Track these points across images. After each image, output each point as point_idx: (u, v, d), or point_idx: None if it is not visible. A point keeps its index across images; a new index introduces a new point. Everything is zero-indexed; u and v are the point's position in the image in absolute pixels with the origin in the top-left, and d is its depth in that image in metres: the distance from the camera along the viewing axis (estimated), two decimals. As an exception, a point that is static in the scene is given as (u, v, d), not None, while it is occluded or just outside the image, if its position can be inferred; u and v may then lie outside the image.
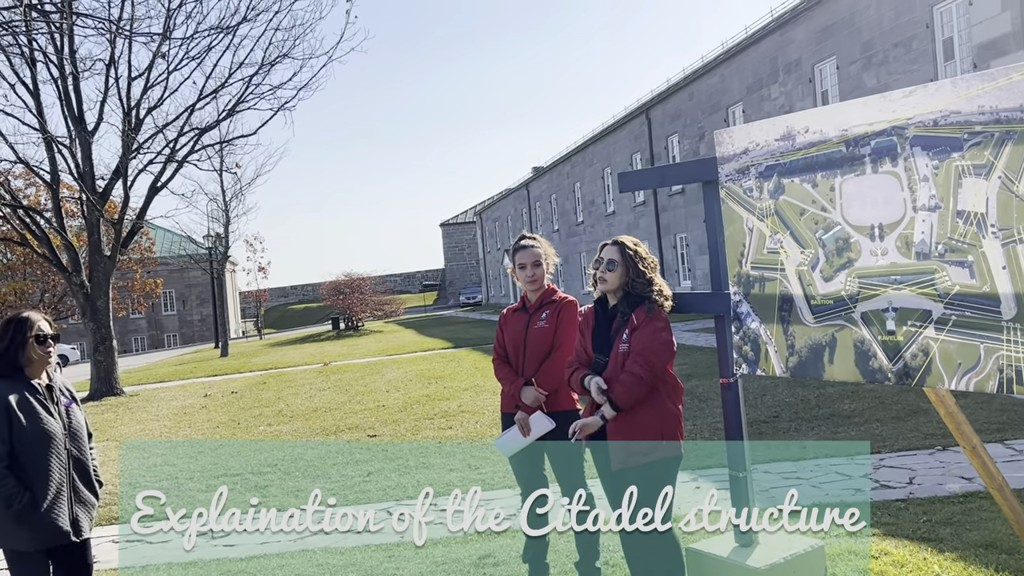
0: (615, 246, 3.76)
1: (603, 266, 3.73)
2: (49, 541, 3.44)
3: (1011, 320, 2.80)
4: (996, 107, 2.78)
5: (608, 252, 3.75)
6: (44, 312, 3.70)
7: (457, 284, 74.62)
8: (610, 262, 3.72)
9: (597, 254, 3.81)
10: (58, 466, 3.43)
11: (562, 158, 42.68)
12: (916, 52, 16.75)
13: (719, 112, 25.55)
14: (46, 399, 3.49)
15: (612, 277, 3.70)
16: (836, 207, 3.28)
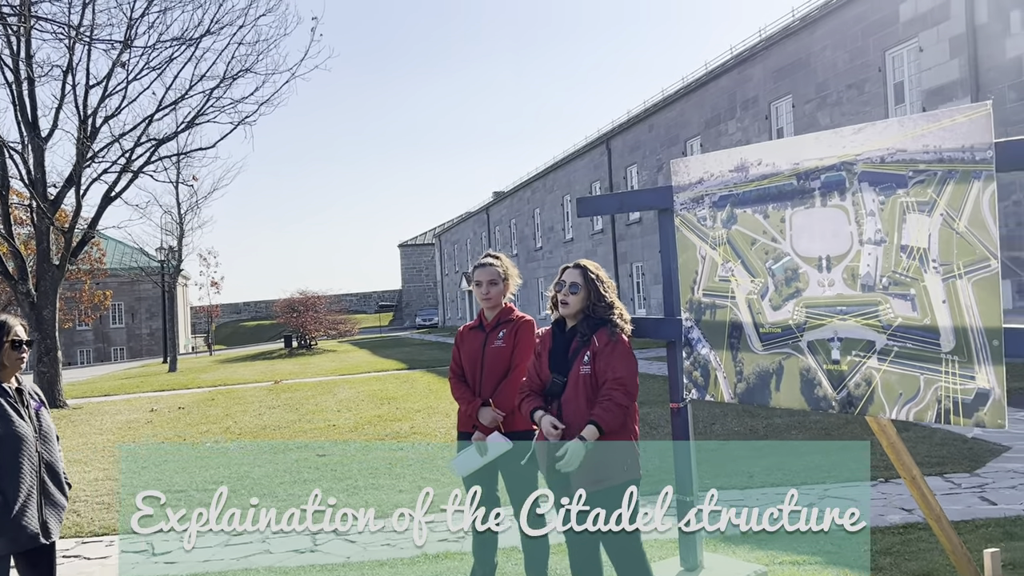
0: (577, 269, 3.77)
1: (565, 289, 3.73)
2: (20, 544, 3.37)
3: (949, 352, 2.90)
4: (940, 147, 2.89)
5: (570, 275, 3.76)
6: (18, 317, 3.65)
7: (414, 305, 74.34)
8: (572, 285, 3.72)
9: (558, 277, 3.82)
10: (29, 469, 3.38)
11: (523, 184, 42.94)
12: (869, 94, 17.24)
13: (677, 145, 25.96)
14: (16, 402, 3.44)
15: (574, 300, 3.71)
16: (786, 238, 3.37)
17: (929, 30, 15.55)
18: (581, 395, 3.60)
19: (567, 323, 3.81)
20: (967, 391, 2.87)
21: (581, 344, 3.68)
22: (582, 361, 3.63)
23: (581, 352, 3.66)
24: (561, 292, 3.75)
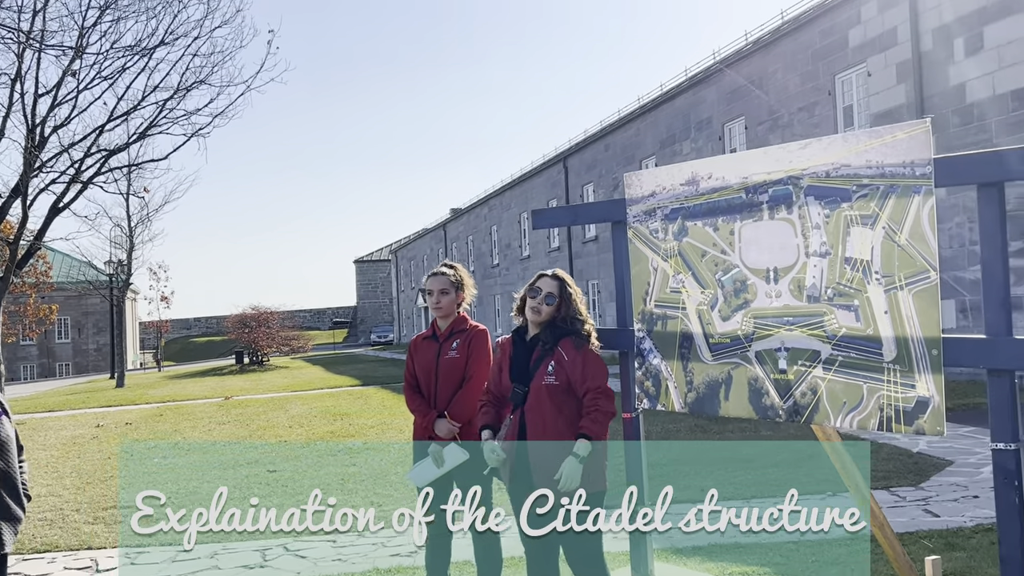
0: (556, 280, 3.75)
1: (541, 297, 3.70)
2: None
3: (891, 362, 2.98)
4: (882, 162, 2.98)
5: (548, 285, 3.73)
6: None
7: (369, 322, 73.81)
8: (549, 295, 3.70)
9: (531, 282, 3.78)
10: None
11: (480, 201, 43.04)
12: (819, 117, 17.64)
13: (633, 164, 26.27)
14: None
15: (548, 311, 3.70)
16: (735, 250, 3.44)
17: (877, 55, 15.99)
18: (545, 405, 3.60)
19: (529, 331, 3.80)
20: (908, 399, 2.95)
21: (544, 353, 3.67)
22: (545, 371, 3.63)
23: (544, 362, 3.65)
24: (535, 299, 3.71)
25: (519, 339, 3.81)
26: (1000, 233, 2.76)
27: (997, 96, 13.35)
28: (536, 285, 3.75)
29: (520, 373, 3.70)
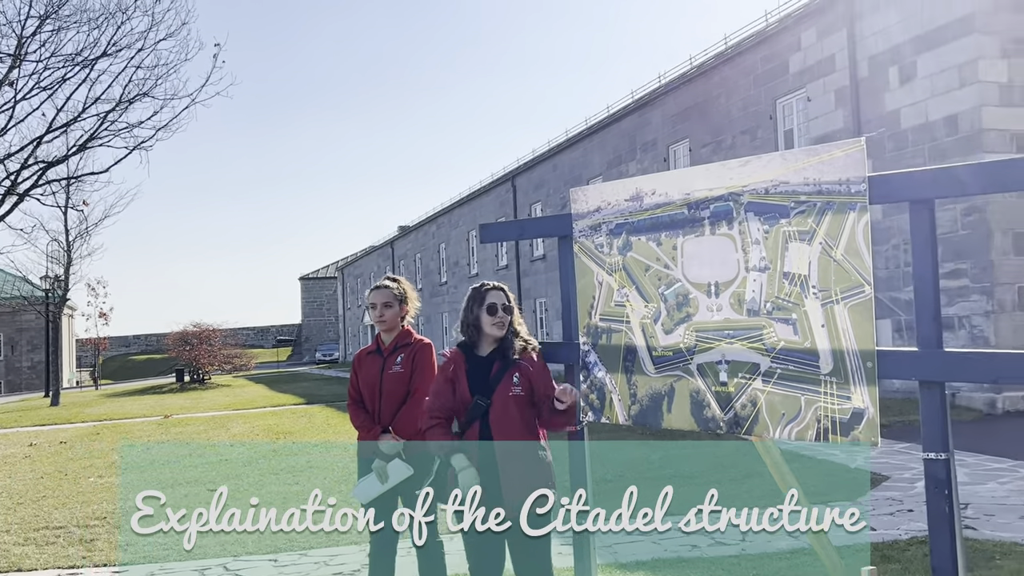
0: (501, 291, 3.73)
1: (501, 312, 3.66)
2: None
3: (828, 374, 3.05)
4: (819, 180, 3.07)
5: (500, 297, 3.70)
6: None
7: (314, 340, 72.92)
8: (506, 307, 3.68)
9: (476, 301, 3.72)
10: None
11: (429, 218, 42.99)
12: (761, 140, 18.05)
13: (580, 183, 26.45)
14: None
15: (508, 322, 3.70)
16: (678, 265, 3.50)
17: (816, 81, 16.44)
18: (514, 414, 3.57)
19: (482, 348, 3.74)
20: (844, 410, 3.02)
21: (506, 366, 3.65)
22: (511, 381, 3.61)
23: (508, 373, 3.63)
24: (496, 315, 3.66)
25: (470, 352, 3.75)
26: (931, 248, 2.86)
27: (929, 123, 13.82)
28: (490, 302, 3.69)
29: (479, 385, 3.64)
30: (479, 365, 3.69)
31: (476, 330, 3.72)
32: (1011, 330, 12.85)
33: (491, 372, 3.66)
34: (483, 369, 3.68)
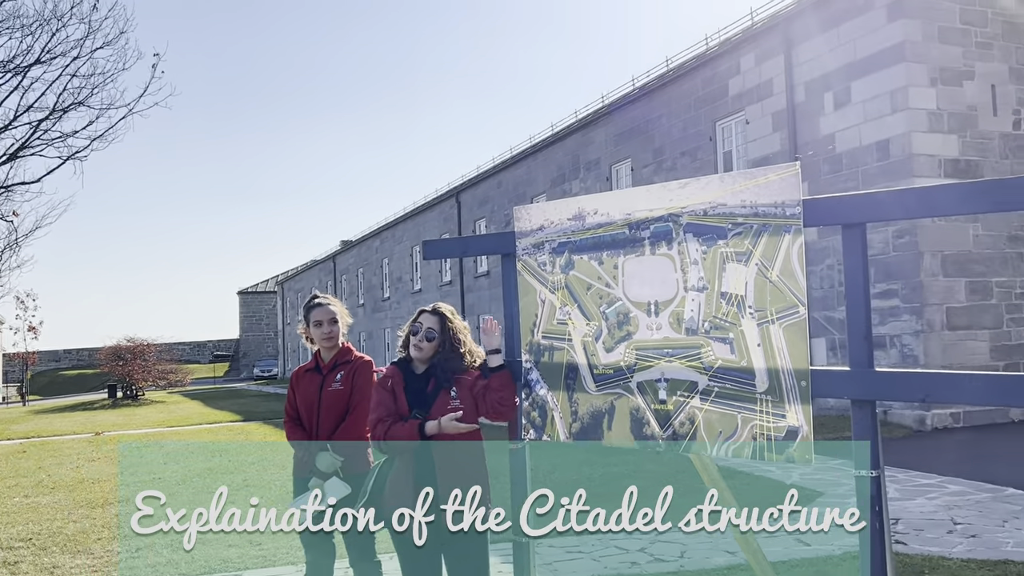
0: (436, 316, 3.77)
1: (422, 334, 3.71)
2: None
3: (763, 392, 3.11)
4: (755, 202, 3.14)
5: (428, 320, 3.75)
6: None
7: (252, 356, 71.62)
8: (429, 331, 3.72)
9: (413, 319, 3.79)
10: None
11: (372, 233, 42.69)
12: (701, 161, 18.39)
13: (524, 200, 26.66)
14: None
15: (428, 347, 3.73)
16: (619, 284, 3.53)
17: (755, 105, 16.84)
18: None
19: (416, 367, 3.78)
20: (779, 428, 3.08)
21: (440, 383, 3.70)
22: (448, 396, 3.65)
23: (444, 389, 3.68)
24: (417, 337, 3.73)
25: (407, 369, 3.78)
26: (862, 270, 2.94)
27: (863, 147, 14.25)
28: (418, 321, 3.77)
29: (418, 400, 3.68)
30: (415, 381, 3.74)
31: (406, 347, 3.80)
32: (940, 349, 13.27)
33: (427, 389, 3.71)
34: (419, 385, 3.73)
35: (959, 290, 13.49)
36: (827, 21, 15.05)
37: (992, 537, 6.43)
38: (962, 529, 6.70)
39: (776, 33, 16.25)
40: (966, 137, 13.69)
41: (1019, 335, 13.83)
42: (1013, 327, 13.80)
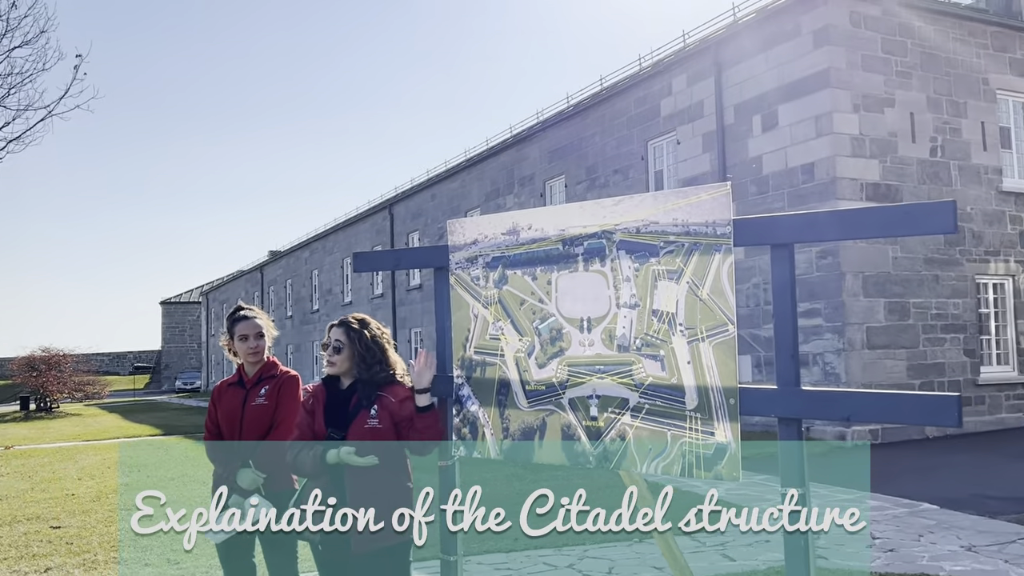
0: (341, 328, 3.71)
1: (330, 349, 3.66)
2: None
3: (693, 410, 3.13)
4: (687, 221, 3.17)
5: (335, 333, 3.69)
6: None
7: (174, 367, 69.70)
8: (337, 343, 3.65)
9: (326, 335, 3.75)
10: None
11: (301, 244, 42.05)
12: (632, 180, 18.65)
13: (459, 214, 26.63)
14: None
15: (339, 360, 3.65)
16: (552, 300, 3.52)
17: (686, 125, 17.17)
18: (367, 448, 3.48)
19: (342, 381, 3.71)
20: (708, 446, 3.10)
21: (364, 401, 3.61)
22: (368, 414, 3.55)
23: (365, 407, 3.58)
24: (326, 351, 3.67)
25: (332, 386, 3.71)
26: (790, 290, 2.99)
27: (788, 169, 14.64)
28: (325, 340, 3.72)
29: (336, 419, 3.59)
30: (339, 398, 3.65)
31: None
32: (860, 367, 13.67)
33: (350, 405, 3.62)
34: (342, 402, 3.63)
35: (879, 310, 13.94)
36: (756, 46, 15.46)
37: (908, 551, 6.62)
38: (880, 543, 6.88)
39: (707, 56, 16.62)
40: (886, 162, 14.19)
41: (934, 354, 14.34)
42: (928, 347, 14.31)
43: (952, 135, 14.93)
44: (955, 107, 15.02)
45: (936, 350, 14.36)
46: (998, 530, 7.25)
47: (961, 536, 7.05)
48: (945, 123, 14.88)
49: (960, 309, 14.68)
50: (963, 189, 14.89)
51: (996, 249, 15.19)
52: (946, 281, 14.61)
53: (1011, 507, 8.20)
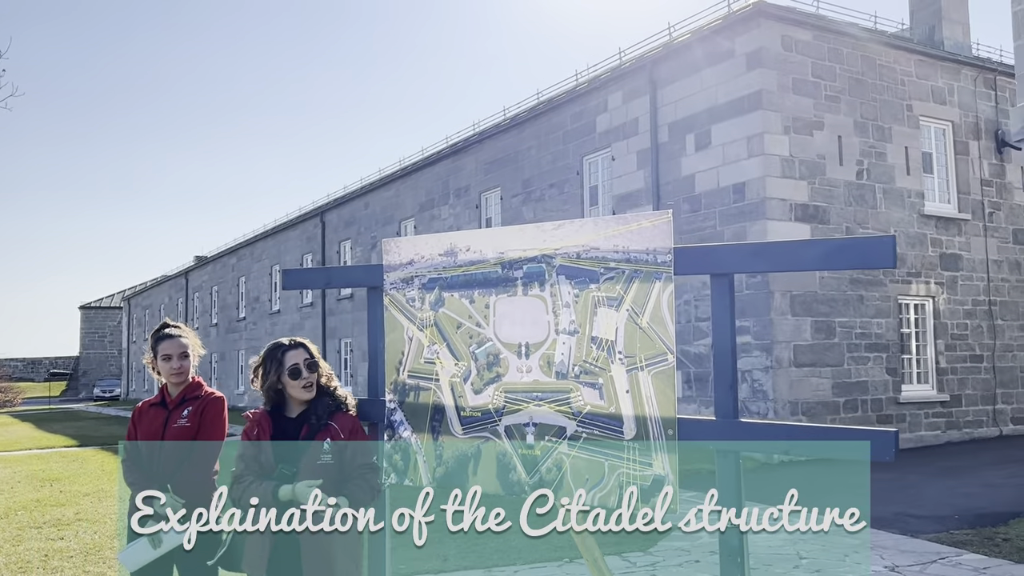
0: (304, 349, 3.52)
1: (306, 372, 3.45)
2: None
3: (631, 440, 3.08)
4: (628, 248, 3.13)
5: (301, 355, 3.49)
6: None
7: (93, 374, 67.35)
8: (311, 365, 3.47)
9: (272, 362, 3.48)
10: None
11: (228, 250, 41.09)
12: (568, 194, 18.72)
13: (392, 224, 26.36)
14: None
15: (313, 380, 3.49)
16: (490, 324, 3.44)
17: (620, 142, 17.32)
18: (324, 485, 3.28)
19: (291, 409, 3.51)
20: (645, 477, 3.06)
21: (315, 430, 3.43)
22: (321, 449, 3.37)
23: (318, 438, 3.41)
24: (301, 378, 3.45)
25: (277, 415, 3.50)
26: (730, 319, 2.97)
27: (721, 188, 14.88)
28: (293, 365, 3.47)
29: (287, 452, 3.39)
30: (286, 429, 3.46)
31: (279, 394, 3.51)
32: (787, 385, 13.93)
33: (298, 436, 3.43)
34: (290, 434, 3.44)
35: (805, 329, 14.23)
36: (691, 66, 15.69)
37: (835, 571, 6.71)
38: (807, 564, 6.96)
39: (643, 74, 16.80)
40: (815, 184, 14.53)
41: (858, 372, 14.71)
42: (853, 365, 14.66)
43: (877, 159, 15.38)
44: (880, 132, 15.48)
45: (860, 368, 14.73)
46: (920, 549, 7.41)
47: (884, 556, 7.19)
48: (871, 147, 15.33)
49: (883, 329, 15.10)
50: (887, 212, 15.35)
51: (918, 271, 15.68)
52: (870, 301, 15.01)
53: (932, 526, 8.41)
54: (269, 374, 3.49)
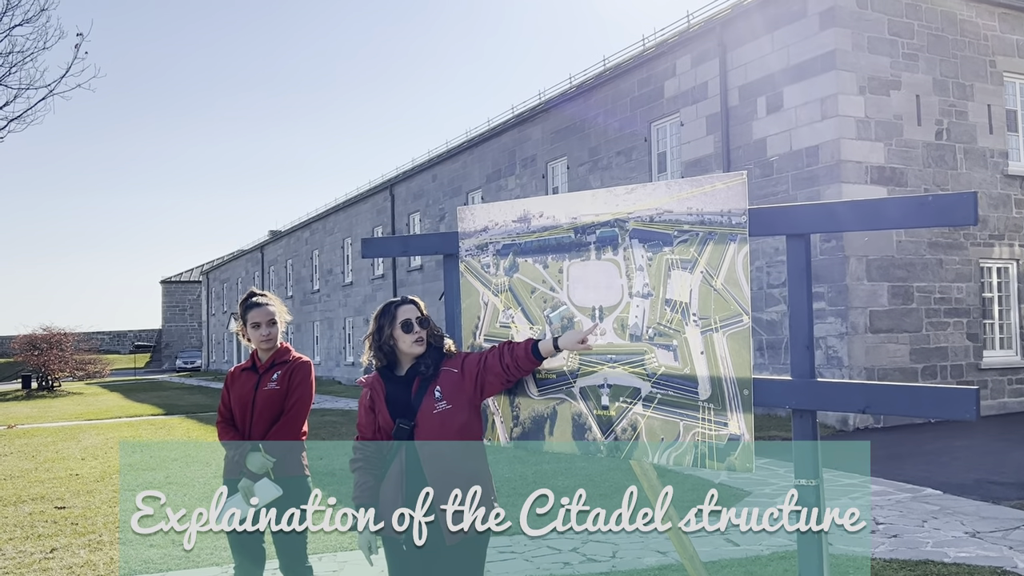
0: (413, 304, 3.47)
1: (417, 326, 3.40)
2: None
3: (706, 400, 3.11)
4: (701, 210, 3.14)
5: (412, 311, 3.43)
6: None
7: (175, 346, 69.78)
8: (421, 319, 3.41)
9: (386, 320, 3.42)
10: None
11: (302, 224, 41.95)
12: (635, 161, 18.56)
13: (460, 196, 26.53)
14: None
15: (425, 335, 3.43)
16: (563, 288, 3.50)
17: (689, 107, 17.06)
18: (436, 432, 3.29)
19: (401, 366, 3.46)
20: (720, 437, 3.09)
21: (427, 380, 3.38)
22: (433, 397, 3.32)
23: (428, 388, 3.35)
24: (413, 332, 3.39)
25: (388, 375, 3.46)
26: (806, 280, 2.96)
27: (793, 152, 14.57)
28: (405, 319, 3.41)
29: (401, 409, 3.36)
30: (398, 387, 3.41)
31: (392, 351, 3.44)
32: (863, 351, 13.66)
33: (411, 392, 3.38)
34: (403, 390, 3.40)
35: (882, 294, 13.91)
36: (761, 27, 15.33)
37: (912, 537, 6.62)
38: (884, 529, 6.89)
39: (712, 37, 16.48)
40: (891, 145, 14.11)
41: (936, 339, 14.34)
42: (931, 331, 14.29)
43: (958, 118, 14.83)
44: (961, 89, 14.91)
45: (939, 334, 14.35)
46: (1002, 516, 7.26)
47: (965, 522, 7.06)
48: (951, 106, 14.79)
49: (964, 293, 14.65)
50: (968, 173, 14.82)
51: (1001, 233, 15.14)
52: (950, 265, 14.57)
53: (1015, 493, 8.21)
54: (383, 329, 3.43)
